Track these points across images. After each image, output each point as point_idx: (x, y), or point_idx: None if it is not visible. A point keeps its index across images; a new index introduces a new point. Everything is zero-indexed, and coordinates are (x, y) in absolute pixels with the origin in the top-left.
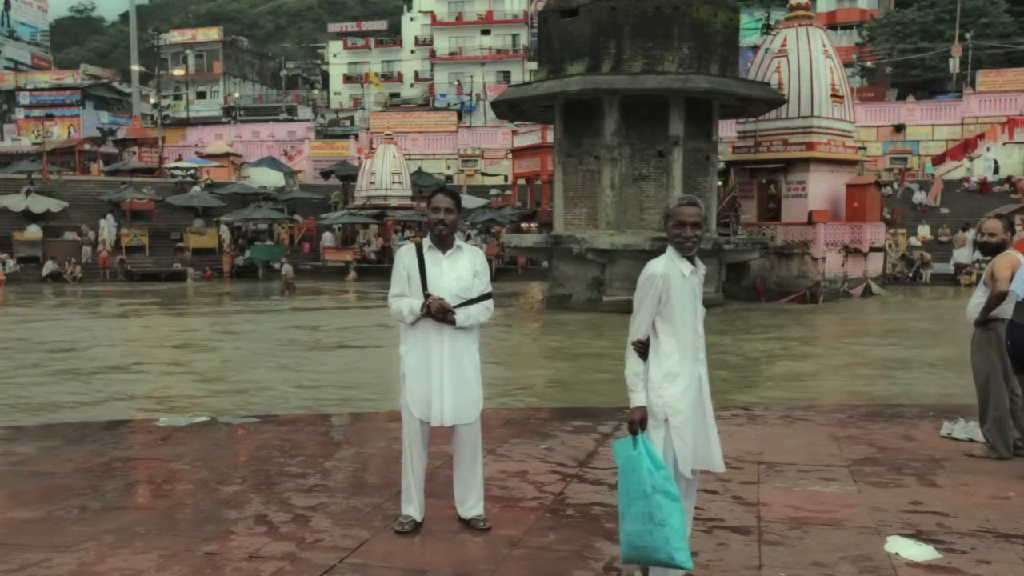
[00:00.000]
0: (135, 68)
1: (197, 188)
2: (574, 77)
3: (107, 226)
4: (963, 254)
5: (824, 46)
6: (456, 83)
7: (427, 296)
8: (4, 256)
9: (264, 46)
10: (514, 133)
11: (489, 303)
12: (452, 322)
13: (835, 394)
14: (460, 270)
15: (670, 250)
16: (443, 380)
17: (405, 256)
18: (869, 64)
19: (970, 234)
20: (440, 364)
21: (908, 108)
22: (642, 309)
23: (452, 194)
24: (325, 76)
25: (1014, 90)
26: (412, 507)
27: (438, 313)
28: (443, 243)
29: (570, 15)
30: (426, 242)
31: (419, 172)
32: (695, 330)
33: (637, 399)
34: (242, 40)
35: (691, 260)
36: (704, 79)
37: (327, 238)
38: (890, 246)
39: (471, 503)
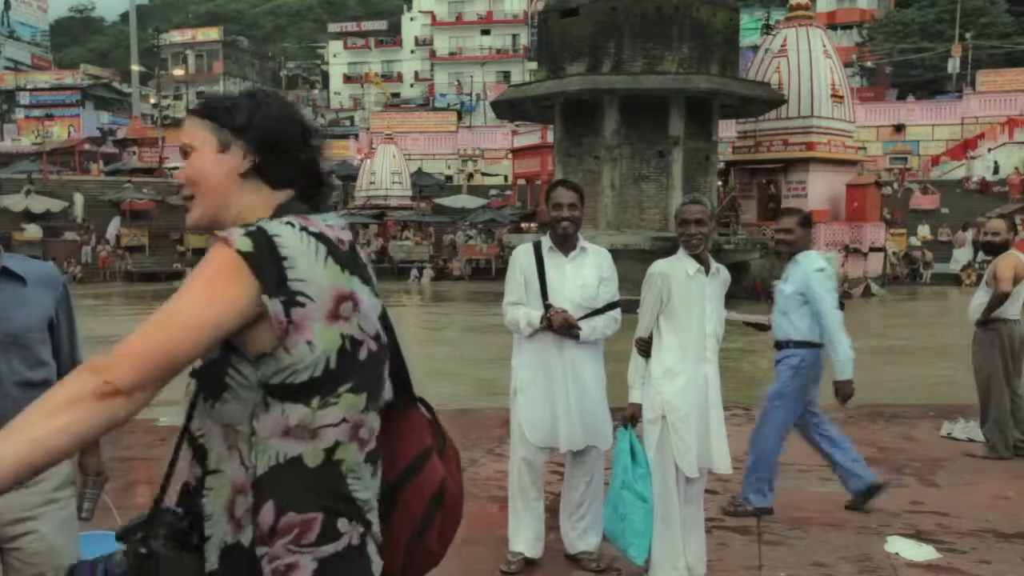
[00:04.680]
0: (135, 68)
1: None
2: (574, 77)
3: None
4: (963, 254)
5: (824, 46)
6: (456, 83)
7: (547, 307)
8: None
9: (264, 46)
10: (514, 133)
11: (616, 313)
12: (576, 337)
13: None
14: (585, 276)
15: (680, 250)
16: (568, 400)
17: (522, 258)
18: (869, 64)
19: (970, 234)
20: (563, 382)
21: (908, 108)
22: (644, 308)
23: (575, 187)
24: (325, 76)
25: (1014, 90)
26: (522, 542)
27: (560, 328)
28: (565, 244)
29: (570, 15)
30: (545, 242)
31: (419, 172)
32: (701, 329)
33: (633, 395)
34: (242, 40)
35: (700, 259)
36: (704, 79)
37: None
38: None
39: (579, 532)
